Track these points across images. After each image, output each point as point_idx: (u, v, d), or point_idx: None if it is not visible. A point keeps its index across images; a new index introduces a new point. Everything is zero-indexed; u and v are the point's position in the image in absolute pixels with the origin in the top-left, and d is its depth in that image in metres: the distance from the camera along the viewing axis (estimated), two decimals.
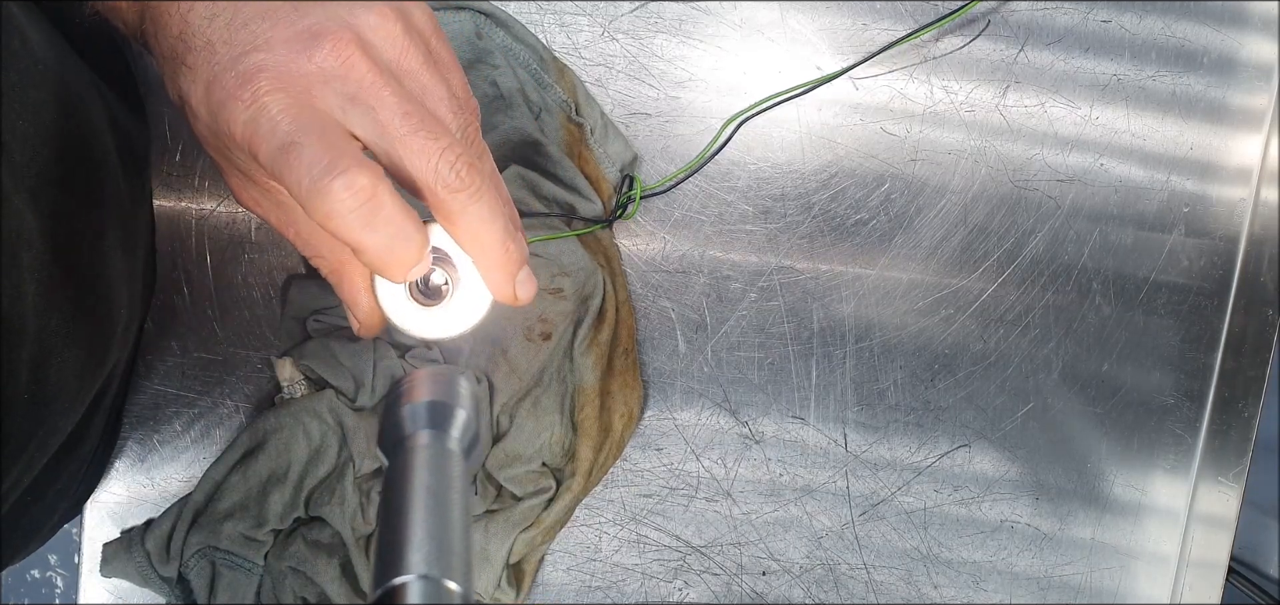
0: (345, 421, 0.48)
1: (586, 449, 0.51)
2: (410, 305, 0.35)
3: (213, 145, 0.33)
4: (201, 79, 0.30)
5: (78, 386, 0.38)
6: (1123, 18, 0.52)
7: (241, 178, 0.34)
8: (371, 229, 0.29)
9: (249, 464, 0.48)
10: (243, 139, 0.30)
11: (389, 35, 0.31)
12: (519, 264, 0.34)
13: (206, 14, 0.31)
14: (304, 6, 0.31)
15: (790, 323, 0.53)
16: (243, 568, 0.49)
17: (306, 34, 0.30)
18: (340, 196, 0.28)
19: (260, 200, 0.35)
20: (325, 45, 0.30)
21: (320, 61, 0.30)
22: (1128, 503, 0.57)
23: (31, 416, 0.34)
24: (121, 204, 0.41)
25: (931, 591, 0.56)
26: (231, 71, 0.30)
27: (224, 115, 0.30)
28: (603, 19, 0.50)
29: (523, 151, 0.49)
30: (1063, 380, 0.55)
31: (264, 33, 0.30)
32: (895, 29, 0.51)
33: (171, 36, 0.31)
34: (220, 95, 0.30)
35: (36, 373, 0.34)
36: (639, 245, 0.52)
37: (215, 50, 0.30)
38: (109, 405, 0.47)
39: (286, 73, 0.30)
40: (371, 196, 0.29)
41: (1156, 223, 0.54)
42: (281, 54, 0.30)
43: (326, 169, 0.28)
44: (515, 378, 0.50)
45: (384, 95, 0.30)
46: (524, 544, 0.51)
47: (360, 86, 0.30)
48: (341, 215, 0.29)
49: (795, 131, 0.52)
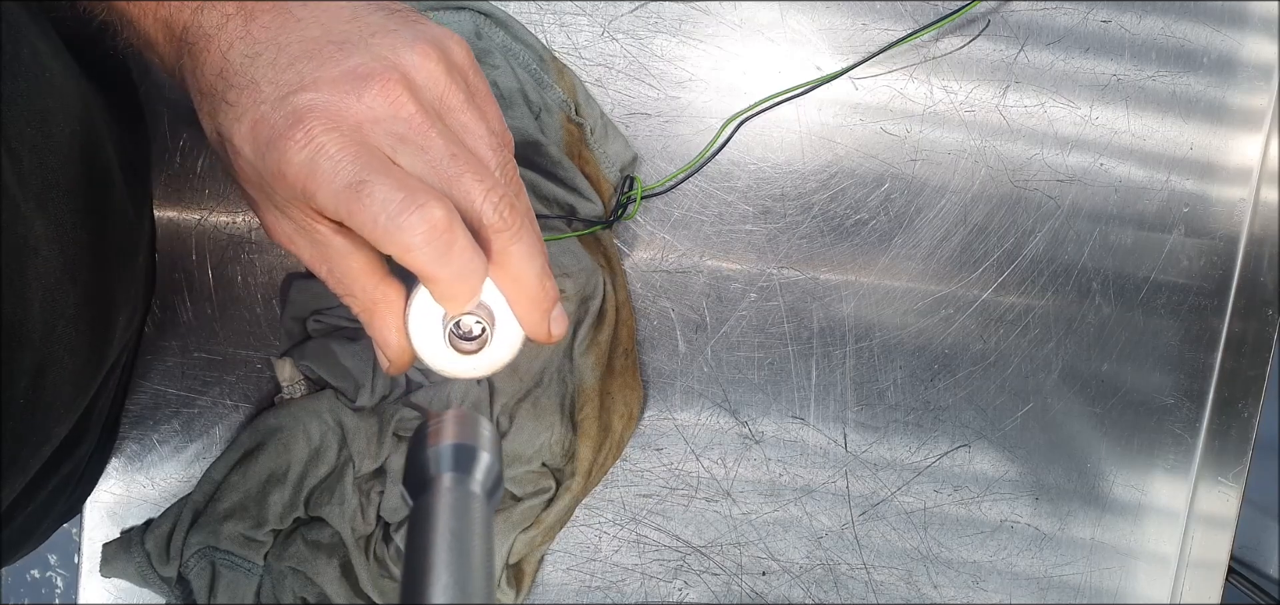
0: (345, 422, 0.48)
1: (586, 449, 0.51)
2: (444, 346, 0.35)
3: (254, 183, 0.32)
4: (247, 118, 0.30)
5: (74, 393, 0.38)
6: (1123, 18, 0.52)
7: (277, 214, 0.34)
8: (446, 261, 0.30)
9: (249, 464, 0.48)
10: (297, 179, 0.30)
11: (432, 75, 0.32)
12: (554, 301, 0.35)
13: (248, 53, 0.31)
14: (348, 46, 0.31)
15: (790, 323, 0.53)
16: (242, 568, 0.49)
17: (354, 75, 0.30)
18: (419, 230, 0.29)
19: (294, 237, 0.35)
20: (374, 87, 0.30)
21: (369, 103, 0.30)
22: (1128, 503, 0.57)
23: (28, 423, 0.34)
24: (123, 212, 0.41)
25: (931, 591, 0.56)
26: (279, 111, 0.30)
27: (273, 155, 0.30)
28: (603, 19, 0.50)
29: (523, 151, 0.49)
30: (1063, 380, 0.55)
31: (310, 73, 0.30)
32: (895, 29, 0.51)
33: (211, 74, 0.31)
34: (268, 134, 0.30)
35: (37, 380, 0.34)
36: (639, 245, 0.52)
37: (260, 89, 0.30)
38: (106, 408, 0.47)
39: (337, 113, 0.30)
40: (447, 229, 0.30)
41: (1156, 223, 0.54)
42: (330, 94, 0.30)
43: (403, 204, 0.29)
44: (515, 378, 0.50)
45: (431, 136, 0.31)
46: (524, 544, 0.51)
47: (408, 127, 0.31)
48: (419, 249, 0.30)
49: (795, 131, 0.52)
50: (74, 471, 0.46)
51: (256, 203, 0.34)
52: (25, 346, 0.32)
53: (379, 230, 0.29)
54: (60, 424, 0.38)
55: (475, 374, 0.36)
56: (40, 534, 0.46)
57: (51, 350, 0.34)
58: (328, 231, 0.33)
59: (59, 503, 0.47)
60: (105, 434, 0.49)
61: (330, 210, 0.30)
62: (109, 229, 0.39)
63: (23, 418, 0.34)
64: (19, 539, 0.44)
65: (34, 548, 0.47)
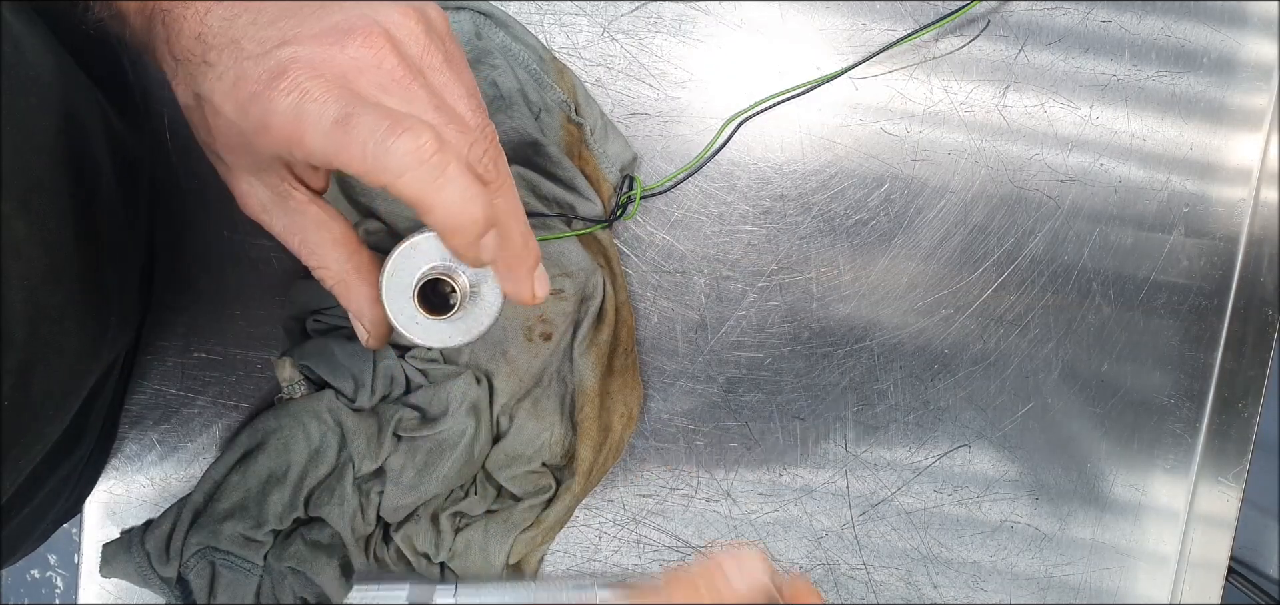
0: (345, 422, 0.48)
1: (586, 450, 0.51)
2: (419, 315, 0.35)
3: (233, 145, 0.32)
4: (228, 76, 0.30)
5: (65, 394, 0.38)
6: (1123, 18, 0.52)
7: (251, 181, 0.34)
8: (442, 185, 0.29)
9: (248, 464, 0.48)
10: (283, 127, 0.29)
11: (413, 33, 0.32)
12: (537, 260, 0.34)
13: (226, 14, 0.31)
14: (328, 6, 0.31)
15: (790, 323, 0.53)
16: (242, 568, 0.49)
17: (336, 29, 0.31)
18: (408, 152, 0.28)
19: (269, 207, 0.35)
20: (356, 38, 0.30)
21: (352, 53, 0.30)
22: (1128, 503, 0.57)
23: (16, 423, 0.34)
24: (114, 212, 0.41)
25: (931, 591, 0.56)
26: (261, 66, 0.30)
27: (257, 108, 0.30)
28: (603, 19, 0.50)
29: (523, 151, 0.49)
30: (1063, 380, 0.55)
31: (292, 29, 0.30)
32: (895, 29, 0.51)
33: (188, 38, 0.31)
34: (252, 88, 0.30)
35: (21, 380, 0.34)
36: (639, 245, 0.52)
37: (242, 47, 0.30)
38: (105, 409, 0.46)
39: (323, 62, 0.30)
40: (438, 150, 0.29)
41: (1156, 223, 0.54)
42: (313, 47, 0.30)
43: (390, 129, 0.28)
44: (515, 378, 0.50)
45: (414, 88, 0.31)
46: (524, 544, 0.51)
47: (391, 78, 0.31)
48: (411, 171, 0.29)
49: (795, 131, 0.52)
50: (72, 472, 0.46)
51: (231, 170, 0.34)
52: (8, 347, 0.32)
53: (368, 158, 0.29)
54: (52, 424, 0.38)
55: (455, 342, 0.36)
56: (39, 534, 0.46)
57: (37, 351, 0.34)
58: (303, 198, 0.33)
59: (58, 503, 0.47)
60: (104, 434, 0.49)
61: (319, 152, 0.29)
62: (99, 228, 0.39)
63: (9, 417, 0.34)
64: (18, 539, 0.44)
65: (33, 548, 0.47)
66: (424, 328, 0.35)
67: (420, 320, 0.35)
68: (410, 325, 0.35)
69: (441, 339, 0.36)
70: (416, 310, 0.35)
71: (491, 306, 0.36)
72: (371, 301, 0.36)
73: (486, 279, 0.35)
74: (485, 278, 0.35)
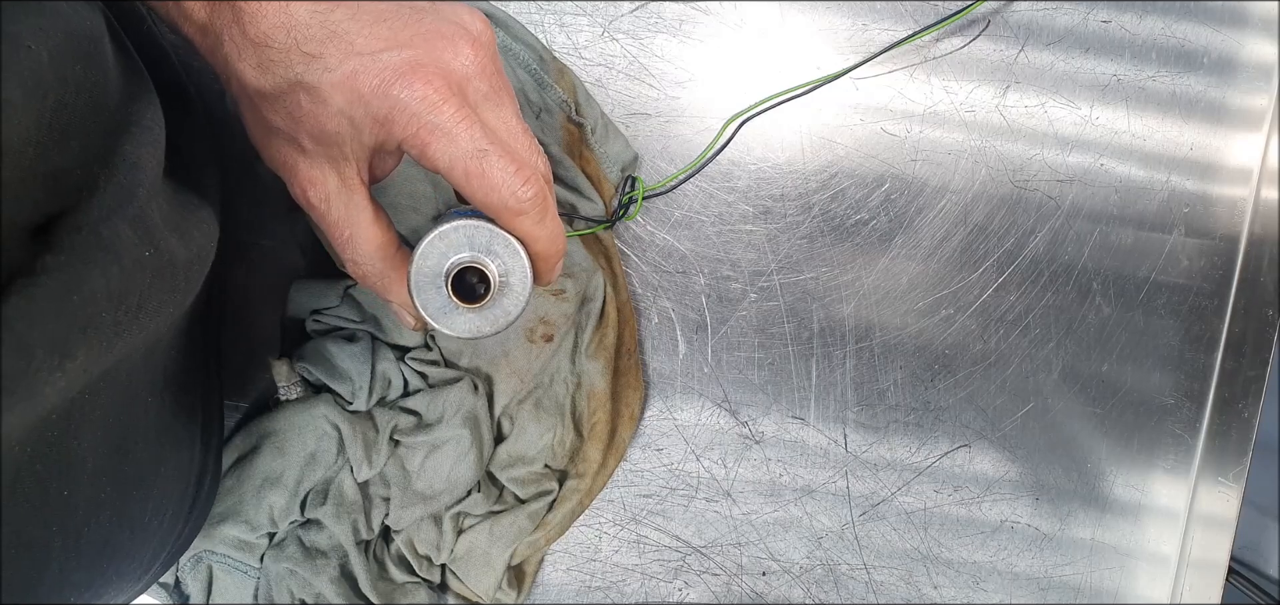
0: (342, 425, 0.48)
1: (595, 451, 0.51)
2: (449, 304, 0.35)
3: (324, 132, 0.33)
4: (339, 68, 0.31)
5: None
6: (1123, 18, 0.52)
7: (323, 169, 0.34)
8: (546, 223, 0.34)
9: (245, 467, 0.48)
10: (407, 124, 0.32)
11: (490, 41, 0.35)
12: (563, 251, 0.37)
13: (317, 9, 0.32)
14: (419, 10, 0.33)
15: (790, 323, 0.53)
16: (239, 571, 0.49)
17: (440, 34, 0.33)
18: (531, 199, 0.33)
19: (330, 198, 0.35)
20: (464, 46, 0.33)
21: (464, 61, 0.33)
22: (1128, 503, 0.57)
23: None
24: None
25: (931, 592, 0.56)
26: (379, 63, 0.31)
27: (381, 103, 0.32)
28: (603, 19, 0.50)
29: None
30: (1063, 380, 0.55)
31: (398, 31, 0.32)
32: (895, 29, 0.51)
33: (268, 25, 0.32)
34: (374, 83, 0.31)
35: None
36: (640, 245, 0.52)
37: (352, 41, 0.32)
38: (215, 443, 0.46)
39: (446, 69, 0.32)
40: (546, 194, 0.34)
41: (1156, 223, 0.54)
42: (430, 51, 0.32)
43: (517, 174, 0.33)
44: (517, 379, 0.50)
45: (504, 97, 0.34)
46: (527, 546, 0.51)
47: (490, 86, 0.34)
48: (529, 213, 0.33)
49: (795, 131, 0.52)
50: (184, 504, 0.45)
51: (307, 156, 0.34)
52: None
53: (496, 196, 0.33)
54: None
55: (484, 332, 0.36)
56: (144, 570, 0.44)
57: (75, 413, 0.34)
58: (364, 198, 0.35)
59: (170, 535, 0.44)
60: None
61: (444, 165, 0.32)
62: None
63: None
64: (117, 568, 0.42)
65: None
66: (456, 317, 0.35)
67: (451, 309, 0.35)
68: (440, 315, 0.35)
69: (471, 329, 0.36)
70: (448, 300, 0.35)
71: (520, 295, 0.36)
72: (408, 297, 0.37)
73: (515, 269, 0.35)
74: (513, 268, 0.35)
